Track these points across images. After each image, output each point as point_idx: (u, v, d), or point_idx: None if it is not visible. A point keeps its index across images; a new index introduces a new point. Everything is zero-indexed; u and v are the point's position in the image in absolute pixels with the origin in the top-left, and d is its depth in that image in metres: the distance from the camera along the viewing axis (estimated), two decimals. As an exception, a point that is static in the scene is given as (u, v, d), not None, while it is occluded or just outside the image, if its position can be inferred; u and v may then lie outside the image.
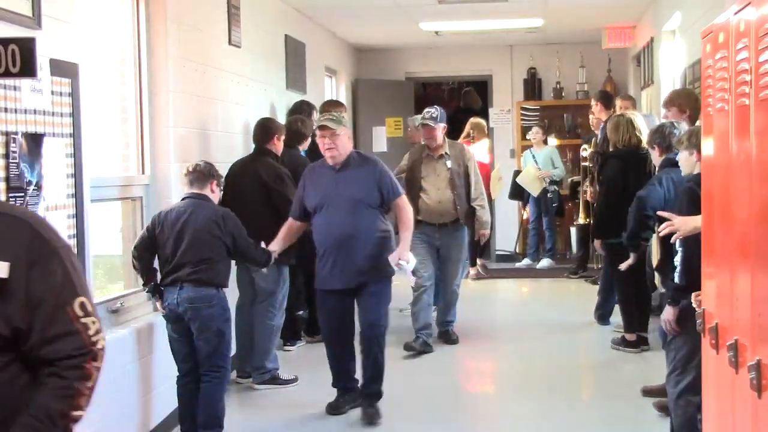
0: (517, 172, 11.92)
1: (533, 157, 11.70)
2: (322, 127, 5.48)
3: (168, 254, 5.12)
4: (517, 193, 11.85)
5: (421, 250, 7.22)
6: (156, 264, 5.23)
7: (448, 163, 7.40)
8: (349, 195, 5.48)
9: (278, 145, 6.56)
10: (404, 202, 5.69)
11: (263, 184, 6.32)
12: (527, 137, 12.15)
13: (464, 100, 14.52)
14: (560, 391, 6.42)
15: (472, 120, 10.71)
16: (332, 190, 5.51)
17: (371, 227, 5.51)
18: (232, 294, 5.88)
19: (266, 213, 6.22)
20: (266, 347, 6.38)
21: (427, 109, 7.43)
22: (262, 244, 5.53)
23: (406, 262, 5.60)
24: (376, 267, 5.54)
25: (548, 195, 11.63)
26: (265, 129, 6.60)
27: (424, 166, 7.44)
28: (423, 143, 7.56)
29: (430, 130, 7.36)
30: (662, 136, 5.57)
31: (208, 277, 5.10)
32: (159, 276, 5.20)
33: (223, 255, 5.20)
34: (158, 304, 5.20)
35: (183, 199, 5.27)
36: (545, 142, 11.97)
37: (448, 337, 7.71)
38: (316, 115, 8.10)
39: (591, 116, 9.97)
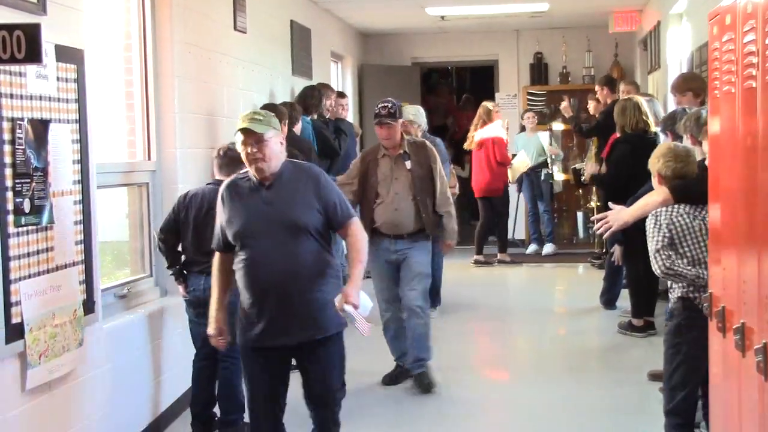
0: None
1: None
2: (244, 131, 4.07)
3: (191, 240, 5.13)
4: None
5: (377, 268, 6.05)
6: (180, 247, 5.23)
7: (408, 164, 5.99)
8: (283, 219, 4.04)
9: (283, 131, 6.58)
10: (358, 226, 4.26)
11: None
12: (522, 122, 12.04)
13: (464, 107, 14.47)
14: (567, 375, 6.43)
15: (482, 105, 10.76)
16: (260, 214, 4.08)
17: (315, 262, 4.09)
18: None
19: None
20: None
21: (382, 104, 6.03)
22: None
23: (354, 307, 4.01)
24: (323, 317, 4.10)
25: (541, 179, 11.58)
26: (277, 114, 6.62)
27: (379, 168, 6.03)
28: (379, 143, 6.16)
29: (389, 129, 5.96)
30: (675, 122, 5.54)
31: None
32: (183, 259, 5.21)
33: None
34: (181, 288, 5.21)
35: (209, 184, 5.25)
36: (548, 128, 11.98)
37: (421, 381, 5.99)
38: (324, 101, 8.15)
39: (591, 102, 10.00)
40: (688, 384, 4.15)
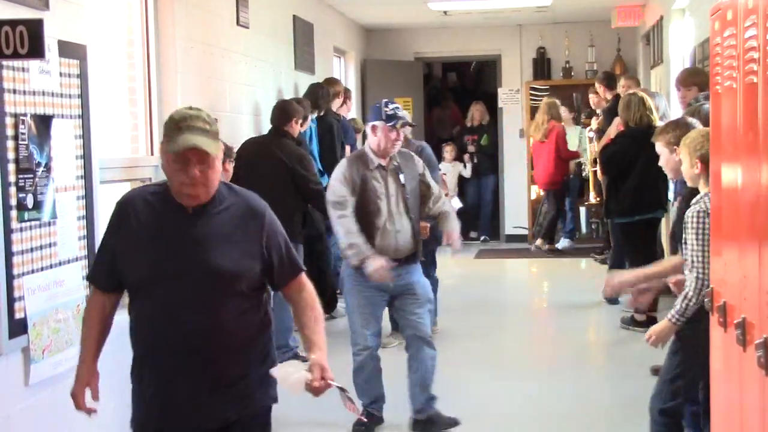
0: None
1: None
2: (187, 150, 2.85)
3: None
4: None
5: (362, 299, 5.17)
6: None
7: (402, 178, 5.18)
8: (206, 265, 2.93)
9: (296, 128, 6.64)
10: (307, 285, 3.18)
11: (284, 165, 6.39)
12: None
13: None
14: (570, 369, 6.44)
15: (551, 101, 10.93)
16: (175, 252, 2.95)
17: (244, 327, 3.03)
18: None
19: (284, 193, 6.29)
20: (288, 326, 6.44)
21: (395, 104, 5.25)
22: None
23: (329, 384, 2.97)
24: (253, 394, 3.08)
25: (570, 175, 11.64)
26: (283, 111, 6.70)
27: (375, 183, 5.12)
28: (368, 151, 5.18)
29: (399, 134, 5.15)
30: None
31: None
32: None
33: None
34: None
35: None
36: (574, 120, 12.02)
37: (441, 419, 5.22)
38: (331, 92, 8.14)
39: (591, 96, 10.04)
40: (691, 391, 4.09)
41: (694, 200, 3.94)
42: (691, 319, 3.94)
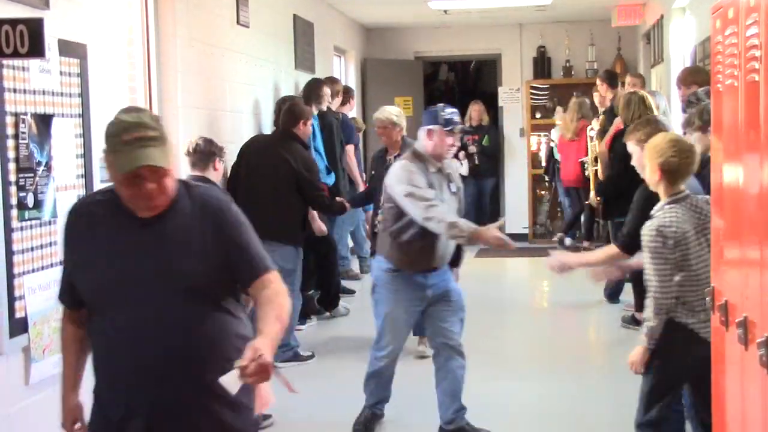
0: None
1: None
2: (144, 168, 2.56)
3: None
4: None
5: (400, 310, 4.96)
6: None
7: (452, 186, 4.98)
8: (167, 274, 2.66)
9: (303, 130, 6.54)
10: (274, 284, 2.80)
11: (290, 167, 6.31)
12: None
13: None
14: (570, 369, 6.43)
15: (582, 100, 10.92)
16: (130, 262, 2.67)
17: (216, 339, 2.72)
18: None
19: (287, 195, 6.27)
20: (289, 325, 6.44)
21: (452, 108, 5.07)
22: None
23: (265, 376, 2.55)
24: (230, 418, 2.76)
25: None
26: (291, 113, 6.57)
27: (437, 188, 4.85)
28: (427, 153, 4.90)
29: (455, 139, 4.97)
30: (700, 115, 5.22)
31: None
32: None
33: None
34: None
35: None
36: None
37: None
38: (325, 90, 8.11)
39: (595, 95, 10.03)
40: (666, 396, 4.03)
41: (653, 211, 3.96)
42: (666, 339, 3.93)
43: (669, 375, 3.97)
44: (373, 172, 6.78)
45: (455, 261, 5.13)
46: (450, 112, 4.96)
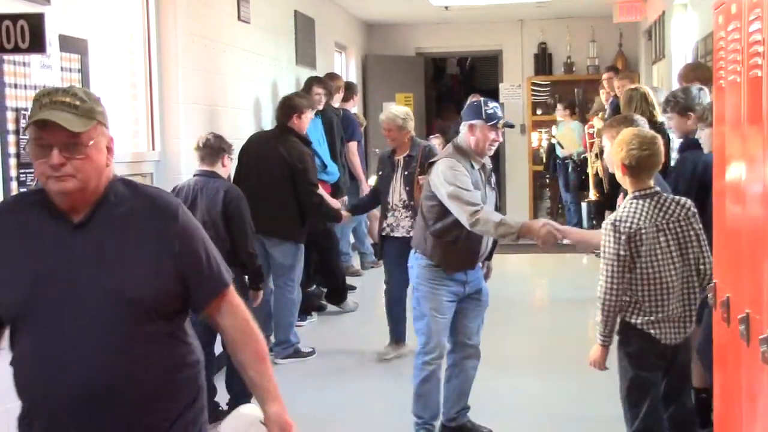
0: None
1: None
2: (40, 124, 2.24)
3: None
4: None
5: (443, 305, 4.78)
6: None
7: (492, 182, 4.93)
8: (101, 287, 2.27)
9: (298, 124, 6.53)
10: (239, 307, 2.47)
11: (285, 162, 6.29)
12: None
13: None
14: (568, 365, 6.43)
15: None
16: (57, 272, 2.28)
17: (157, 365, 2.33)
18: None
19: (285, 191, 6.26)
20: (289, 321, 6.44)
21: (495, 102, 4.89)
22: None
23: None
24: None
25: (568, 170, 11.63)
26: (284, 106, 6.60)
27: (480, 183, 4.74)
28: (467, 148, 4.74)
29: (498, 134, 4.81)
30: (687, 96, 5.03)
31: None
32: None
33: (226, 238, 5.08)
34: None
35: (194, 176, 5.26)
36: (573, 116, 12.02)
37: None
38: (316, 89, 8.07)
39: (602, 91, 10.00)
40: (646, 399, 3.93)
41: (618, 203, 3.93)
42: (622, 339, 3.89)
43: (637, 375, 3.88)
44: (380, 173, 6.47)
45: (489, 254, 5.01)
46: (493, 106, 4.78)
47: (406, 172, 6.24)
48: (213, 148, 5.21)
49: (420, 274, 4.77)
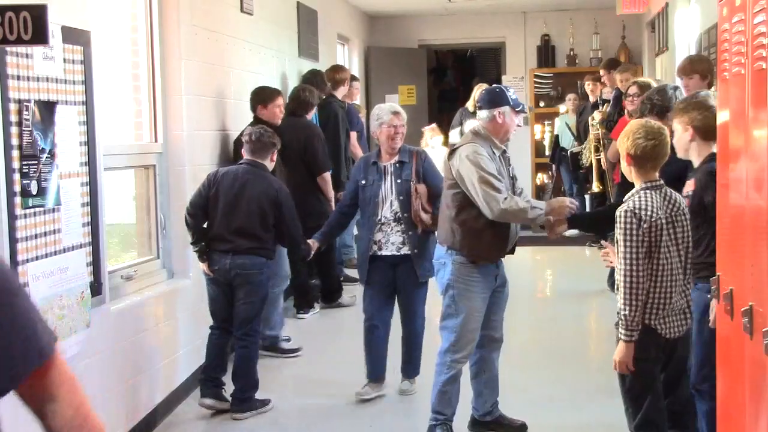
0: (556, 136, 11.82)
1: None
2: None
3: (220, 218, 5.25)
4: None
5: (481, 301, 4.70)
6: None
7: (511, 170, 4.83)
8: None
9: (265, 113, 6.69)
10: (68, 376, 1.63)
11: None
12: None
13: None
14: (572, 358, 6.44)
15: None
16: None
17: None
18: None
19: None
20: (264, 315, 6.40)
21: (512, 88, 4.98)
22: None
23: None
24: None
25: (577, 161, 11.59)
26: (252, 97, 6.83)
27: (503, 170, 4.68)
28: (481, 136, 4.66)
29: (522, 120, 4.90)
30: (663, 98, 5.09)
31: (261, 247, 5.27)
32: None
33: (272, 229, 5.35)
34: (204, 266, 5.31)
35: (241, 164, 5.42)
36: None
37: (501, 426, 5.04)
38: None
39: (587, 84, 10.01)
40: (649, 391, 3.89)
41: (626, 197, 3.85)
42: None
43: (639, 369, 3.82)
44: (362, 182, 5.51)
45: (512, 248, 4.84)
46: (513, 92, 4.79)
47: (398, 180, 5.41)
48: (265, 144, 5.41)
49: (454, 271, 4.62)
